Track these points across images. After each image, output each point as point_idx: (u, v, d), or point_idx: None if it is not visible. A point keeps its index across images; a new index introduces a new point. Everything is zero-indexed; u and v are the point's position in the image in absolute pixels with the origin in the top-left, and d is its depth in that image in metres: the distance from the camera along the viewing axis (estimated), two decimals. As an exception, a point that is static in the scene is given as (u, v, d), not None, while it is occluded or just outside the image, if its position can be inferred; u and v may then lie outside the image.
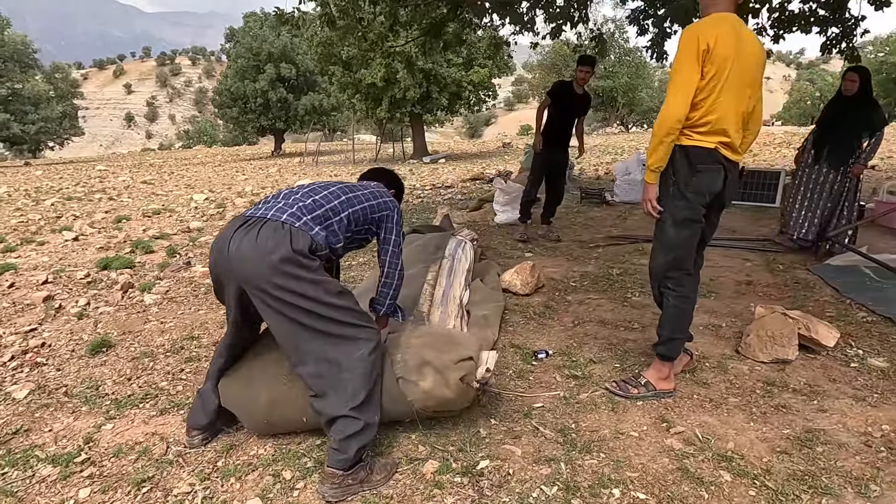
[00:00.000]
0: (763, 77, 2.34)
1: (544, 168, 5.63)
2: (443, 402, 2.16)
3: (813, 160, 4.98)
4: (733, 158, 2.37)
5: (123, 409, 2.60)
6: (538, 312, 3.63)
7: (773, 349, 2.81)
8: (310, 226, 2.04)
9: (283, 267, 1.93)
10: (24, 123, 34.91)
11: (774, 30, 7.62)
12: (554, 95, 5.39)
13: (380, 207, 2.32)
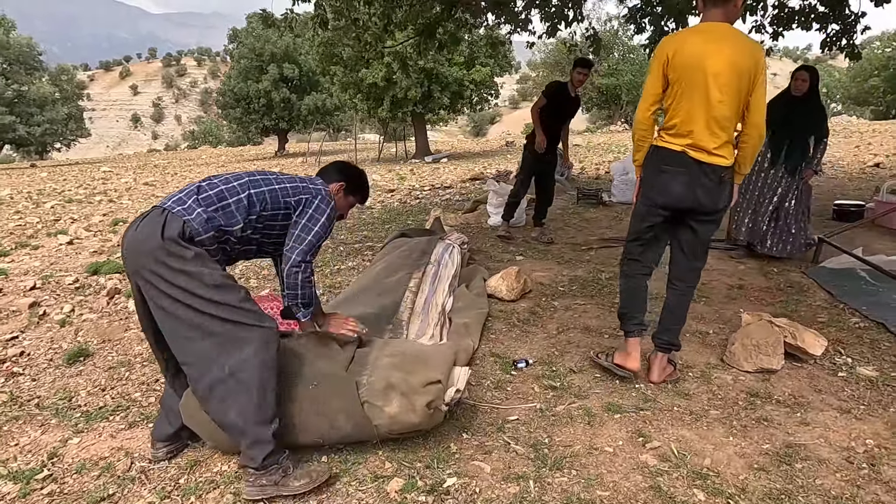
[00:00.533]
0: (748, 83, 2.35)
1: (535, 169, 5.57)
2: (409, 427, 2.10)
3: (769, 163, 4.74)
4: (708, 161, 2.41)
5: (93, 422, 2.56)
6: (522, 319, 3.56)
7: (758, 358, 2.74)
8: (191, 208, 1.94)
9: (155, 255, 1.86)
10: (30, 125, 35.10)
11: (774, 27, 7.51)
12: (550, 96, 5.31)
13: (297, 191, 2.14)
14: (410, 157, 23.78)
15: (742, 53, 2.31)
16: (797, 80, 4.54)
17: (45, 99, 35.97)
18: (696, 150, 2.41)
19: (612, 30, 31.47)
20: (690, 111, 2.38)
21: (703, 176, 2.42)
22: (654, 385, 2.67)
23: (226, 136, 56.54)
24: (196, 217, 1.93)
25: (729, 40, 2.33)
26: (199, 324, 1.89)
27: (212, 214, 1.97)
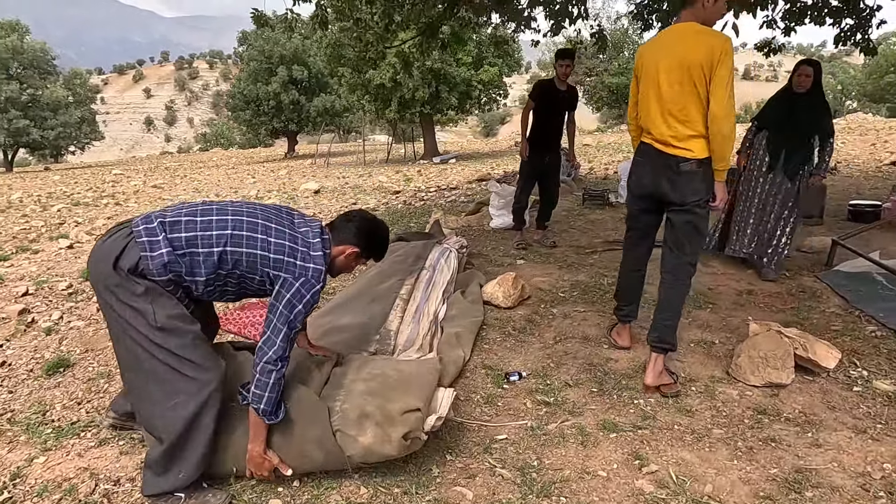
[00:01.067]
0: (703, 75, 2.42)
1: (534, 172, 5.40)
2: (384, 457, 1.95)
3: (767, 168, 4.30)
4: (670, 152, 2.57)
5: (62, 439, 2.45)
6: (518, 328, 3.41)
7: (766, 372, 2.57)
8: (154, 245, 1.82)
9: (106, 281, 1.83)
10: (44, 129, 35.45)
11: (785, 22, 7.28)
12: (537, 97, 5.17)
13: (279, 265, 1.89)
14: (419, 158, 23.67)
15: (695, 48, 2.42)
16: (800, 75, 4.15)
17: (58, 103, 36.30)
18: (658, 143, 2.62)
19: (622, 28, 31.18)
20: (648, 107, 2.65)
21: (667, 168, 2.57)
22: (654, 400, 2.51)
23: (237, 138, 56.79)
24: (156, 257, 1.82)
25: (686, 38, 2.48)
26: (139, 359, 1.85)
27: (174, 258, 1.83)
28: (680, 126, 2.51)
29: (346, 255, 2.08)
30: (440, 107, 22.01)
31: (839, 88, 50.49)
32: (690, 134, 2.50)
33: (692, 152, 2.50)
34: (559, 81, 5.09)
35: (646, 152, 2.70)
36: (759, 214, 4.37)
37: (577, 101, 5.33)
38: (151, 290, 1.82)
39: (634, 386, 2.64)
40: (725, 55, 2.38)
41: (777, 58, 39.32)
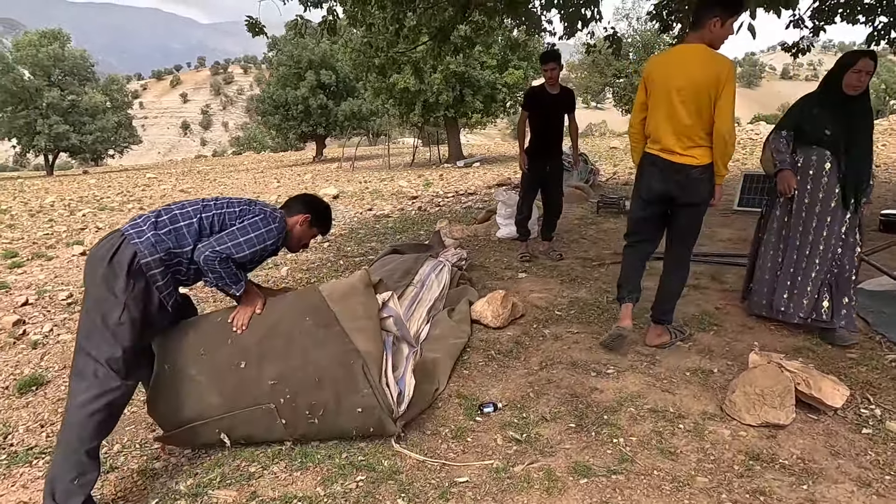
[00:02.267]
0: (710, 95, 2.71)
1: (535, 182, 5.20)
2: None
3: (838, 202, 3.17)
4: (677, 161, 2.87)
5: (14, 467, 2.37)
6: (504, 350, 3.22)
7: (763, 410, 2.33)
8: (142, 233, 2.11)
9: (97, 273, 2.06)
10: (82, 134, 36.59)
11: (814, 21, 6.91)
12: (528, 105, 5.02)
13: (242, 212, 2.27)
14: (443, 162, 23.56)
15: (703, 70, 2.70)
16: (859, 71, 3.03)
17: (96, 108, 37.44)
18: (666, 153, 2.91)
19: (653, 28, 30.50)
20: (658, 122, 2.91)
21: (675, 173, 2.89)
22: (635, 440, 2.30)
23: (269, 142, 57.65)
24: (145, 241, 2.09)
25: (694, 59, 2.75)
26: (87, 340, 2.05)
27: (161, 237, 2.12)
28: (686, 139, 2.84)
29: (300, 224, 2.44)
30: (464, 110, 21.85)
31: (882, 87, 48.51)
32: (693, 144, 2.85)
33: (696, 159, 2.85)
34: (549, 86, 4.92)
35: (654, 161, 2.98)
36: (822, 262, 3.22)
37: (574, 103, 5.11)
38: (132, 288, 2.06)
39: (616, 422, 2.43)
40: (730, 79, 2.70)
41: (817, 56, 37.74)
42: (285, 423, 2.26)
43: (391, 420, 2.28)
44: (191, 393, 2.25)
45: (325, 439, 2.37)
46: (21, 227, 10.21)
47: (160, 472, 2.27)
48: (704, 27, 2.75)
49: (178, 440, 2.35)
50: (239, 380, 2.25)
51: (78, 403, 2.00)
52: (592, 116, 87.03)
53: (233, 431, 2.29)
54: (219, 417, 2.26)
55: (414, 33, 7.97)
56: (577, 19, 6.75)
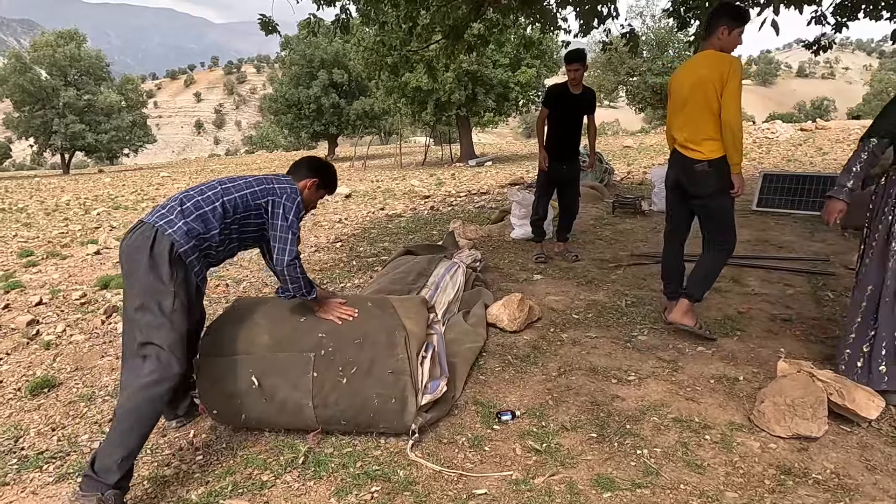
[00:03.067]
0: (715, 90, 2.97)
1: (551, 183, 5.11)
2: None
3: None
4: (689, 155, 3.17)
5: (24, 472, 2.33)
6: (521, 356, 3.14)
7: (794, 422, 2.23)
8: (173, 222, 2.19)
9: (141, 265, 2.14)
10: (98, 133, 36.93)
11: (836, 17, 6.74)
12: (550, 104, 4.92)
13: (264, 193, 2.37)
14: (455, 161, 23.48)
15: (709, 68, 2.99)
16: None
17: (111, 107, 37.76)
18: (681, 148, 3.23)
19: (667, 26, 30.19)
20: (674, 121, 3.29)
21: (685, 166, 3.20)
22: (660, 451, 2.21)
23: (282, 141, 57.87)
24: (178, 230, 2.18)
25: (703, 62, 3.07)
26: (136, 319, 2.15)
27: (192, 225, 2.21)
28: (696, 134, 3.11)
29: (308, 187, 2.56)
30: (477, 109, 21.76)
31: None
32: (704, 138, 3.08)
33: (704, 154, 3.09)
34: (572, 86, 4.82)
35: (673, 155, 3.33)
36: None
37: (595, 104, 5.04)
38: (175, 274, 2.16)
39: (639, 432, 2.34)
40: (733, 73, 2.93)
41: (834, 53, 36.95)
42: (315, 378, 2.33)
43: (414, 395, 2.32)
44: (246, 330, 2.46)
45: (343, 410, 2.35)
46: (37, 226, 10.28)
47: (171, 480, 2.22)
48: (714, 34, 3.08)
49: (210, 376, 2.41)
50: (293, 328, 2.45)
51: (140, 385, 2.06)
52: (606, 115, 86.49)
53: (264, 377, 2.36)
54: (260, 356, 2.39)
55: (427, 31, 7.90)
56: (593, 17, 6.64)
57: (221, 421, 2.52)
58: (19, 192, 19.56)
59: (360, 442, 2.40)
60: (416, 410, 2.33)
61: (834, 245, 5.32)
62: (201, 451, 2.41)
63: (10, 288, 5.42)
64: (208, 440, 2.50)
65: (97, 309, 4.64)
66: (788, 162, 13.12)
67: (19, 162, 73.06)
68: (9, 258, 7.12)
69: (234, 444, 2.46)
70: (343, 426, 2.40)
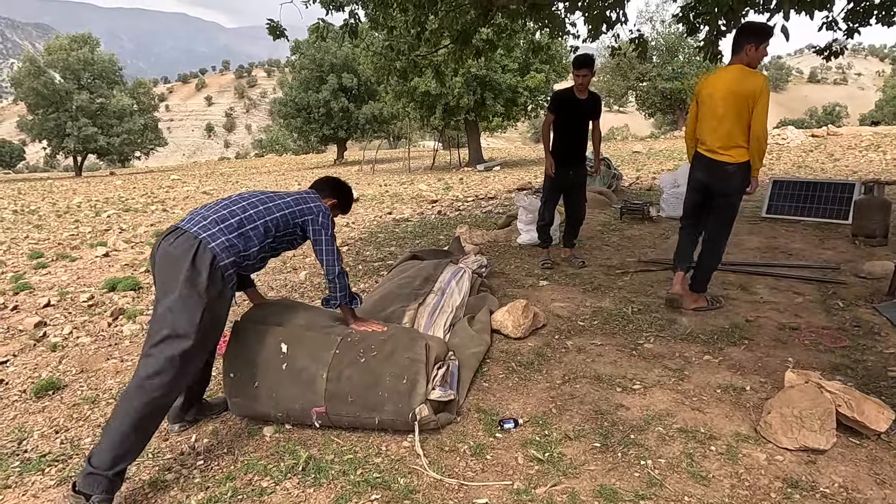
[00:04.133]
0: (747, 104, 3.39)
1: (557, 189, 5.08)
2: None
3: None
4: (715, 158, 3.58)
5: (26, 474, 2.34)
6: (525, 363, 3.11)
7: (801, 434, 2.19)
8: (215, 236, 2.26)
9: (181, 274, 2.17)
10: (110, 136, 37.30)
11: (848, 23, 6.68)
12: (555, 109, 4.88)
13: (301, 213, 2.53)
14: (463, 165, 23.48)
15: (741, 84, 3.39)
16: None
17: (123, 111, 38.14)
18: (709, 152, 3.61)
19: (677, 32, 30.11)
20: (705, 128, 3.63)
21: (713, 167, 3.61)
22: (664, 462, 2.18)
23: (291, 144, 58.16)
24: (220, 244, 2.25)
25: (734, 77, 3.44)
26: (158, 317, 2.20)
27: (233, 241, 2.30)
28: (726, 140, 3.51)
29: (330, 205, 2.71)
30: (485, 114, 21.74)
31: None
32: (731, 145, 3.50)
33: (733, 158, 3.51)
34: (578, 91, 4.79)
35: (700, 158, 3.71)
36: None
37: (600, 109, 5.00)
38: (212, 285, 2.21)
39: (644, 442, 2.31)
40: (763, 92, 3.36)
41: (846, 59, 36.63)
42: (335, 354, 2.50)
43: (425, 381, 2.44)
44: (287, 312, 2.71)
45: (354, 386, 2.43)
46: (48, 228, 10.37)
47: (171, 485, 2.21)
48: (742, 51, 3.43)
49: (243, 340, 2.58)
50: (327, 320, 2.73)
51: (149, 387, 2.09)
52: (615, 120, 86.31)
53: (291, 345, 2.52)
54: (292, 330, 2.59)
55: (435, 36, 7.91)
56: (602, 22, 6.60)
57: (232, 390, 2.56)
58: (32, 194, 19.77)
59: (361, 449, 2.38)
60: (425, 395, 2.42)
61: (844, 253, 5.26)
62: (202, 456, 2.41)
63: (19, 289, 5.47)
64: (210, 445, 2.50)
65: (104, 311, 4.67)
66: (799, 168, 13.01)
67: (32, 164, 73.87)
68: (19, 259, 7.19)
69: (235, 448, 2.45)
70: (349, 405, 2.44)
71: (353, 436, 2.49)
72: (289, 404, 2.49)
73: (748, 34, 3.42)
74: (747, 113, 3.37)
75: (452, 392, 2.54)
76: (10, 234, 9.66)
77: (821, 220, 6.67)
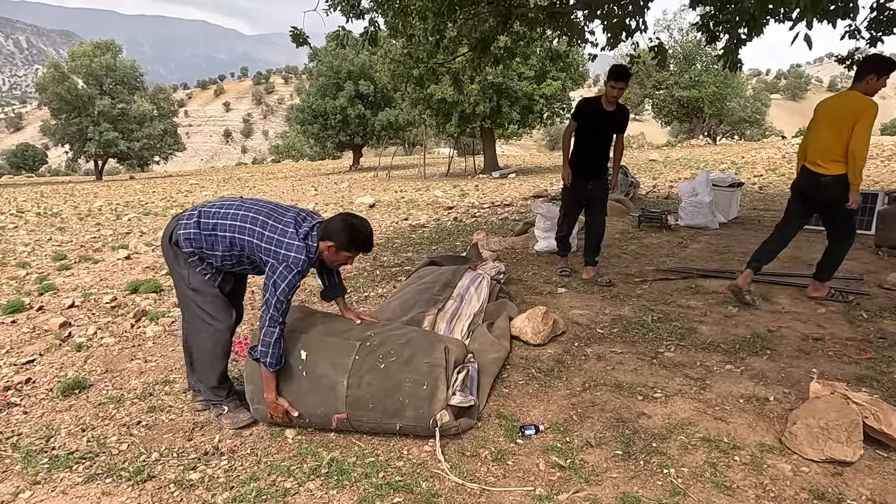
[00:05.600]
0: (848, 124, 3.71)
1: (577, 201, 4.92)
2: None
3: None
4: (816, 171, 3.94)
5: (55, 471, 2.38)
6: (545, 369, 3.11)
7: (827, 445, 2.17)
8: (186, 225, 2.56)
9: (165, 251, 2.69)
10: (130, 140, 37.89)
11: (871, 32, 6.61)
12: (579, 117, 4.69)
13: (269, 252, 2.46)
14: (479, 172, 23.51)
15: (845, 106, 3.77)
16: None
17: (143, 116, 38.74)
18: (811, 165, 3.97)
19: (695, 40, 29.98)
20: (810, 143, 4.02)
21: (814, 178, 3.96)
22: (687, 471, 2.17)
23: (307, 150, 58.66)
24: (184, 233, 2.54)
25: (845, 100, 3.82)
26: (184, 304, 2.73)
27: (199, 236, 2.53)
28: (825, 155, 3.86)
29: (327, 249, 2.51)
30: (501, 121, 21.78)
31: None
32: (830, 159, 3.83)
33: (829, 171, 3.84)
34: (607, 102, 4.58)
35: (804, 170, 4.06)
36: None
37: (626, 122, 4.79)
38: (186, 261, 2.59)
39: (666, 450, 2.30)
40: (866, 114, 3.64)
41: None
42: (355, 360, 2.54)
43: (445, 386, 2.49)
44: (308, 318, 2.80)
45: (374, 392, 2.47)
46: (70, 230, 10.56)
47: (196, 484, 2.24)
48: (862, 81, 3.73)
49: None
50: (346, 326, 2.77)
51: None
52: (631, 128, 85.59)
53: (310, 352, 2.59)
54: (312, 336, 2.65)
55: (454, 44, 7.96)
56: (622, 30, 6.62)
57: (254, 397, 2.60)
58: (54, 198, 20.13)
59: (383, 452, 2.40)
60: (445, 400, 2.44)
61: (867, 264, 5.19)
62: (226, 457, 2.44)
63: (44, 290, 5.57)
64: (233, 445, 2.53)
65: (127, 313, 4.74)
66: (819, 178, 12.82)
67: (55, 168, 75.22)
68: (43, 261, 7.32)
69: (258, 450, 2.48)
70: (370, 412, 2.46)
71: (374, 439, 2.51)
72: (310, 410, 2.51)
73: (872, 66, 3.70)
74: (848, 132, 3.68)
75: (473, 398, 2.55)
76: (34, 236, 9.85)
77: (843, 231, 6.57)
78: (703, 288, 4.63)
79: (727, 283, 4.43)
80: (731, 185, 7.82)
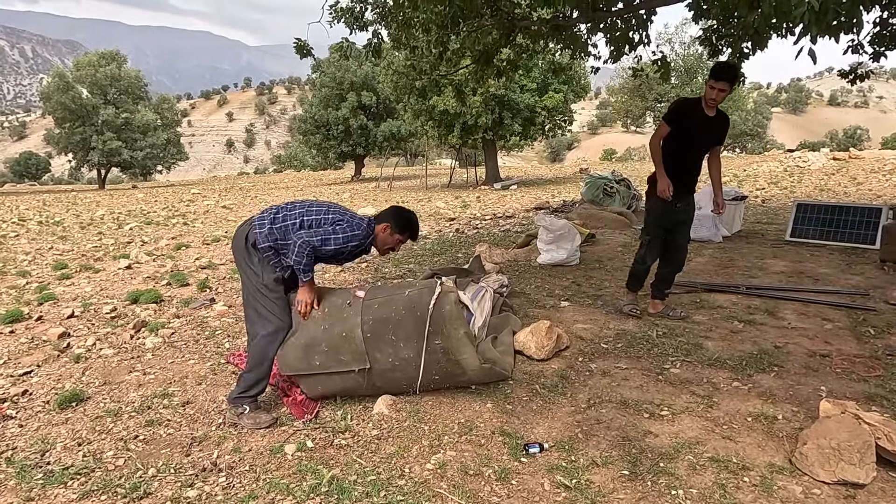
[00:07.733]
0: None
1: (664, 223, 4.03)
2: None
3: None
4: None
5: (48, 487, 2.33)
6: (549, 385, 3.07)
7: (839, 467, 2.12)
8: (261, 224, 2.80)
9: (240, 253, 2.86)
10: (133, 150, 38.03)
11: (874, 47, 6.62)
12: (673, 120, 3.85)
13: (334, 220, 2.81)
14: (480, 184, 23.54)
15: None
16: None
17: (147, 125, 38.92)
18: None
19: (696, 53, 30.12)
20: None
21: None
22: (696, 492, 2.12)
23: (309, 160, 58.84)
24: (261, 230, 2.79)
25: None
26: (251, 302, 2.88)
27: (273, 229, 2.79)
28: None
29: (383, 231, 2.92)
30: (503, 133, 21.84)
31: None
32: None
33: None
34: (707, 106, 3.80)
35: None
36: None
37: (725, 133, 4.03)
38: (261, 260, 2.81)
39: (674, 470, 2.25)
40: None
41: (867, 82, 36.59)
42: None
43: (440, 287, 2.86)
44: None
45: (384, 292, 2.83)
46: (72, 239, 10.54)
47: (193, 502, 2.19)
48: None
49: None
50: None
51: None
52: (632, 140, 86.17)
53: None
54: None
55: (457, 56, 7.98)
56: (625, 43, 6.63)
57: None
58: (56, 206, 20.15)
59: (384, 470, 2.35)
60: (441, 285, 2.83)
61: (873, 279, 5.15)
62: (224, 473, 2.39)
63: (44, 300, 5.54)
64: (232, 462, 2.48)
65: (126, 323, 4.70)
66: (821, 191, 12.84)
67: (58, 176, 75.53)
68: (44, 270, 7.29)
69: (257, 466, 2.43)
70: (380, 289, 2.96)
71: (375, 457, 2.46)
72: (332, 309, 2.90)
73: None
74: None
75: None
76: (35, 244, 9.83)
77: (846, 245, 6.55)
78: (707, 302, 4.59)
79: (732, 298, 4.36)
80: (735, 198, 7.79)
